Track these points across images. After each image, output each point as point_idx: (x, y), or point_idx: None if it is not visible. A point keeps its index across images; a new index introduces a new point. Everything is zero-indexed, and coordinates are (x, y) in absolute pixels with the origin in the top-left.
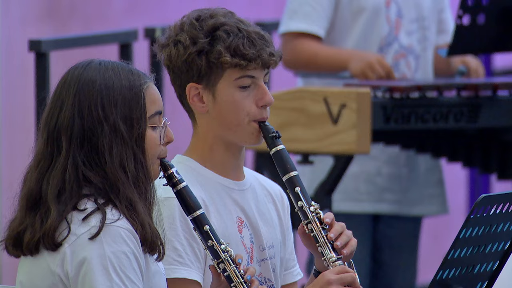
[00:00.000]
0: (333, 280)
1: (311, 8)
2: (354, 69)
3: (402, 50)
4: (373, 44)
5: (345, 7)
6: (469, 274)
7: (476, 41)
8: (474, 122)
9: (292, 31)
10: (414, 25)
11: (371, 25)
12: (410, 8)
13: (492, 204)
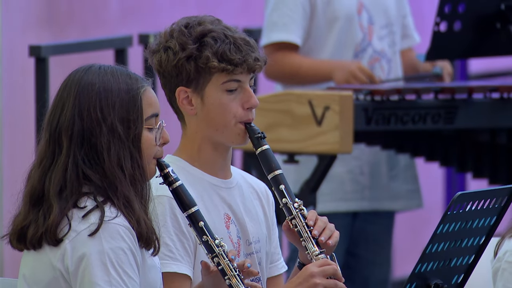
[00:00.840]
0: (316, 273)
1: (289, 19)
2: (338, 79)
3: (376, 55)
4: (349, 50)
5: (320, 17)
6: (446, 268)
7: (453, 47)
8: (451, 123)
9: (274, 41)
10: (384, 31)
11: (346, 32)
12: (379, 15)
13: (467, 201)
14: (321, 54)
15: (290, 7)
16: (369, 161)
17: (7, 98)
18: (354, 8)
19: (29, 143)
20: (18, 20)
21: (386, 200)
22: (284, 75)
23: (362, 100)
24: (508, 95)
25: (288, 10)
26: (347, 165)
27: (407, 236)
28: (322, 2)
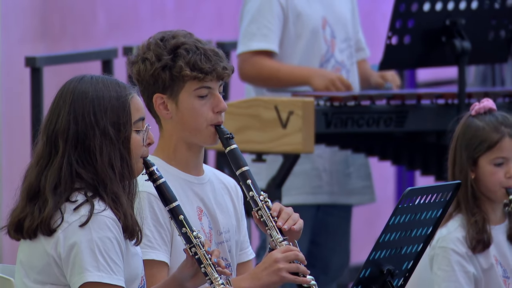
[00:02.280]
0: (279, 258)
1: (267, 30)
2: (317, 85)
3: (338, 65)
4: (315, 60)
5: (290, 28)
6: (397, 255)
7: (403, 58)
8: (401, 126)
9: (254, 50)
10: (344, 44)
11: (312, 44)
12: (340, 30)
13: (416, 196)
14: (291, 63)
15: (268, 19)
16: (331, 160)
17: (5, 104)
18: (319, 23)
19: (26, 145)
20: (16, 34)
21: (344, 195)
22: (262, 78)
23: (322, 106)
24: (452, 101)
25: (267, 22)
26: (312, 163)
27: (362, 227)
28: (293, 15)
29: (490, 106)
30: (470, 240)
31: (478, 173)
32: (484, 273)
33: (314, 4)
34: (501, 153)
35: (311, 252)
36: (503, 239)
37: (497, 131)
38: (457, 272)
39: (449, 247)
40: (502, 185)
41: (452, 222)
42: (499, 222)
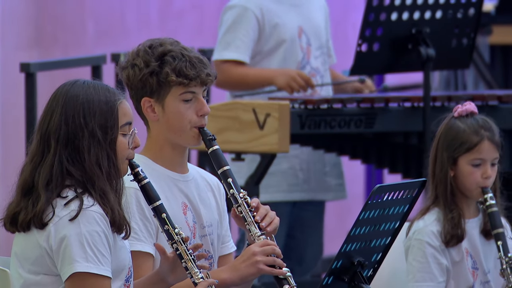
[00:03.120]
0: (257, 251)
1: (241, 42)
2: (280, 83)
3: (313, 71)
4: (292, 67)
5: (268, 39)
6: (367, 248)
7: (372, 64)
8: (371, 127)
9: (226, 59)
10: (318, 52)
11: (289, 52)
12: (315, 38)
13: (385, 193)
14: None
15: (243, 32)
16: (307, 160)
17: (1, 106)
18: (296, 32)
19: (20, 144)
20: (11, 41)
21: (319, 192)
22: (231, 83)
23: (297, 108)
24: (418, 104)
25: (241, 34)
26: (289, 162)
27: (334, 221)
28: (270, 27)
29: (472, 110)
30: (445, 235)
31: (457, 172)
32: (454, 264)
33: (291, 15)
34: (480, 155)
35: (287, 245)
36: (476, 232)
37: (477, 134)
38: (431, 264)
39: (424, 239)
40: (478, 184)
41: (428, 215)
42: (472, 216)
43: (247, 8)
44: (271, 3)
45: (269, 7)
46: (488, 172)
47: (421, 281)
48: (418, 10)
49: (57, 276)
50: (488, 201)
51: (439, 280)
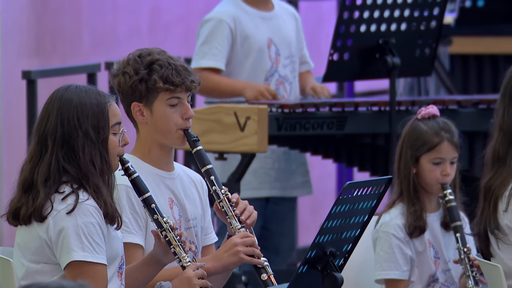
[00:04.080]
0: (238, 242)
1: (217, 51)
2: (248, 95)
3: (281, 79)
4: (260, 75)
5: (239, 48)
6: (338, 239)
7: (343, 72)
8: (342, 129)
9: (204, 67)
10: (287, 60)
11: (258, 61)
12: (284, 48)
13: (354, 189)
14: (239, 77)
15: (218, 42)
16: (276, 159)
17: (5, 111)
18: (265, 43)
19: (22, 145)
20: (14, 50)
21: (288, 188)
22: (207, 89)
23: (274, 112)
24: (384, 108)
25: (217, 44)
26: (261, 163)
27: (308, 215)
28: (240, 37)
29: (434, 113)
30: (408, 227)
31: (419, 169)
32: (418, 254)
33: (261, 27)
34: (440, 154)
35: (264, 237)
36: (437, 225)
37: (437, 135)
38: (396, 254)
39: (390, 232)
40: (438, 181)
41: (394, 209)
42: (434, 211)
43: (222, 20)
44: (243, 16)
45: (241, 20)
46: (447, 170)
47: (387, 270)
48: (384, 23)
49: (56, 264)
50: (447, 196)
51: (404, 269)
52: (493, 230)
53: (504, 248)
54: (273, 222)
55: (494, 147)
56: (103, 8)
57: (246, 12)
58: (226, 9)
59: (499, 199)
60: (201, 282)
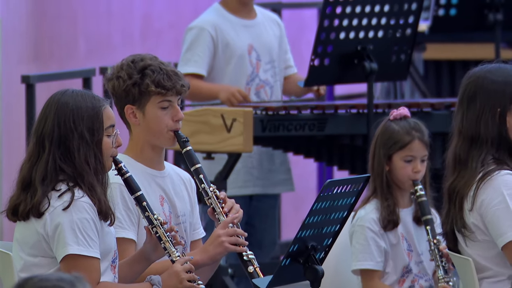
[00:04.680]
0: (222, 233)
1: (199, 58)
2: (222, 98)
3: (262, 83)
4: (242, 80)
5: (220, 55)
6: (319, 234)
7: (324, 77)
8: (322, 131)
9: (187, 73)
10: (268, 65)
11: (240, 67)
12: (265, 54)
13: (334, 186)
14: (222, 82)
15: (200, 49)
16: (258, 159)
17: (5, 113)
18: (246, 49)
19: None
20: (13, 56)
21: (270, 186)
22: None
23: (259, 114)
24: (362, 110)
25: (199, 51)
26: (243, 162)
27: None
28: (222, 44)
29: (405, 114)
30: (382, 221)
31: (391, 167)
32: (392, 247)
33: (242, 34)
34: (411, 152)
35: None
36: (409, 220)
37: (409, 135)
38: (371, 246)
39: (365, 225)
40: (410, 177)
41: (369, 205)
42: (406, 206)
43: (204, 29)
44: (225, 24)
45: (222, 28)
46: (418, 167)
47: (362, 261)
48: (363, 30)
49: (52, 258)
50: (418, 192)
51: (378, 260)
52: (460, 228)
53: (471, 245)
54: (256, 218)
55: (455, 151)
56: (98, 16)
57: (228, 20)
58: (208, 18)
59: (464, 199)
60: (188, 275)
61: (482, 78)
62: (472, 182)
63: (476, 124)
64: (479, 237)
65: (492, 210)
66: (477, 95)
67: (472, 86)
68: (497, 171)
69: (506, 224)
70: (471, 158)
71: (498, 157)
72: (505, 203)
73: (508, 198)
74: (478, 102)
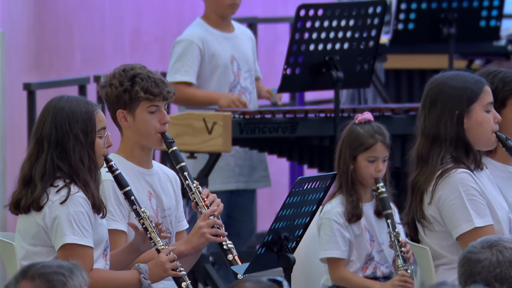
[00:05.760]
0: (203, 225)
1: (188, 67)
2: (222, 104)
3: (242, 90)
4: (225, 87)
5: (207, 65)
6: (291, 225)
7: (295, 84)
8: (294, 133)
9: (178, 81)
10: (247, 74)
11: (223, 75)
12: (244, 63)
13: (305, 183)
14: (208, 89)
15: (189, 59)
16: (239, 158)
17: (9, 117)
18: (228, 59)
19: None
20: (16, 66)
21: (249, 182)
22: (181, 100)
23: (237, 118)
24: (330, 115)
25: (188, 61)
26: (226, 161)
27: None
28: (208, 55)
29: (369, 118)
30: (347, 214)
31: (356, 166)
32: (356, 237)
33: (225, 46)
34: (374, 154)
35: (228, 224)
36: (371, 213)
37: (372, 138)
38: (337, 237)
39: (332, 218)
40: (372, 176)
41: (335, 200)
42: (368, 201)
43: (192, 41)
44: (210, 37)
45: (208, 40)
46: (380, 167)
47: (329, 250)
48: (330, 43)
49: (51, 247)
50: (380, 189)
51: (343, 249)
52: (420, 219)
53: (429, 235)
54: (236, 211)
55: (418, 149)
56: (92, 30)
57: (211, 33)
58: (195, 31)
59: (424, 193)
60: (172, 265)
61: (443, 84)
62: (432, 178)
63: (436, 125)
64: (437, 228)
65: (449, 205)
66: (438, 99)
67: (433, 91)
68: (455, 170)
69: (461, 218)
70: (432, 156)
71: (455, 155)
72: (460, 198)
73: (464, 194)
74: (438, 105)
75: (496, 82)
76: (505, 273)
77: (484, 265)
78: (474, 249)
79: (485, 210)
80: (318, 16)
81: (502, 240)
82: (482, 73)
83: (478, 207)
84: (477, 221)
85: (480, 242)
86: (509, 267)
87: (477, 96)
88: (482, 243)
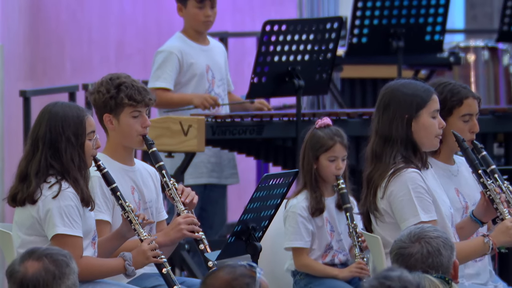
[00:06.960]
0: (182, 222)
1: (167, 75)
2: (196, 103)
3: (216, 95)
4: (201, 93)
5: (185, 73)
6: (258, 217)
7: (262, 92)
8: (260, 134)
9: (158, 87)
10: (220, 82)
11: (199, 83)
12: (217, 73)
13: (270, 179)
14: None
15: (169, 68)
16: (211, 156)
17: (6, 122)
18: (204, 69)
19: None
20: (13, 74)
21: (220, 178)
22: (161, 103)
23: (210, 121)
24: (292, 118)
25: (168, 70)
26: (199, 158)
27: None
28: (186, 65)
29: (328, 122)
30: (311, 209)
31: (318, 165)
32: (318, 229)
33: (201, 56)
34: (334, 153)
35: (201, 216)
36: (332, 206)
37: (332, 139)
38: (301, 229)
39: (297, 212)
40: (333, 173)
41: (300, 195)
42: (330, 195)
43: (172, 52)
44: (188, 49)
45: (186, 51)
46: (340, 165)
47: (294, 240)
48: (292, 54)
49: (44, 237)
50: (340, 185)
51: (306, 240)
52: (373, 211)
53: (381, 225)
54: (208, 204)
55: (372, 147)
56: (81, 43)
57: (189, 45)
58: (174, 43)
59: (378, 188)
60: (153, 253)
61: (396, 90)
62: (385, 175)
63: (389, 127)
64: (387, 219)
65: (399, 200)
66: (391, 104)
67: (387, 95)
68: (405, 169)
69: (408, 212)
70: (385, 154)
71: (405, 155)
72: (409, 195)
73: (412, 192)
74: (391, 109)
75: (446, 92)
76: (437, 261)
77: (417, 258)
78: (404, 244)
79: (430, 206)
80: (282, 31)
81: (425, 231)
82: (433, 84)
83: (424, 204)
84: (422, 216)
85: (407, 236)
86: (438, 255)
87: (425, 103)
88: (409, 236)
